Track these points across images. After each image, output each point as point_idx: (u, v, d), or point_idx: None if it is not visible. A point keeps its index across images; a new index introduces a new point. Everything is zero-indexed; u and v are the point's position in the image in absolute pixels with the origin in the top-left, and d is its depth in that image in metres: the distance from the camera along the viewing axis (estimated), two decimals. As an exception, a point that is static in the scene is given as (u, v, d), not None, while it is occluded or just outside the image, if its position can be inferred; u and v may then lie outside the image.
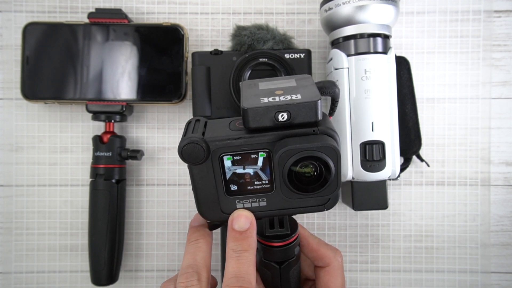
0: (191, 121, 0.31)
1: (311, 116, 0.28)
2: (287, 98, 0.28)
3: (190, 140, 0.28)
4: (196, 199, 0.31)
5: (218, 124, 0.31)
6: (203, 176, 0.30)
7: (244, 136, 0.28)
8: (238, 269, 0.29)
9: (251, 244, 0.30)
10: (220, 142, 0.29)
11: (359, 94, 0.42)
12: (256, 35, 0.44)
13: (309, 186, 0.28)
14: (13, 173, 0.50)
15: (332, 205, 0.31)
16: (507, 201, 0.50)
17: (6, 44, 0.50)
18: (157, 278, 0.50)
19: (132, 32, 0.46)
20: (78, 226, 0.50)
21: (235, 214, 0.31)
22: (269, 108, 0.27)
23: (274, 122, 0.28)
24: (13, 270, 0.50)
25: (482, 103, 0.50)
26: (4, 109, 0.50)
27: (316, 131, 0.28)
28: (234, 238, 0.30)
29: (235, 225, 0.30)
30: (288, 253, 0.33)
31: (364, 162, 0.42)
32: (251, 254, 0.30)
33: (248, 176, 0.30)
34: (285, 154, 0.27)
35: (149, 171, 0.50)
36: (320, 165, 0.28)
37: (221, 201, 0.31)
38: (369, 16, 0.41)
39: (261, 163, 0.29)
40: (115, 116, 0.47)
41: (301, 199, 0.29)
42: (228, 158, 0.29)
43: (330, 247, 0.36)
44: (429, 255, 0.50)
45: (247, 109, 0.28)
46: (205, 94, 0.45)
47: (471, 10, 0.50)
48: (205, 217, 0.32)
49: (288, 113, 0.28)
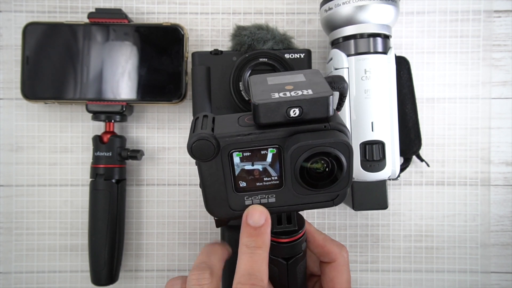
0: (199, 117, 0.30)
1: (322, 112, 0.27)
2: (298, 94, 0.28)
3: (200, 137, 0.28)
4: (204, 196, 0.31)
5: (227, 120, 0.30)
6: (212, 173, 0.29)
7: (254, 132, 0.28)
8: (251, 266, 0.29)
9: (265, 241, 0.30)
10: (230, 138, 0.28)
11: (359, 94, 0.42)
12: (256, 35, 0.44)
13: (320, 182, 0.28)
14: (13, 173, 0.50)
15: (341, 201, 0.31)
16: (507, 201, 0.50)
17: (6, 44, 0.50)
18: (157, 278, 0.50)
19: (132, 32, 0.46)
20: (78, 226, 0.50)
21: (250, 209, 0.30)
22: (281, 103, 0.27)
23: (285, 118, 0.27)
24: (13, 270, 0.50)
25: (482, 103, 0.50)
26: (4, 109, 0.50)
27: (327, 127, 0.28)
28: (248, 233, 0.30)
29: (249, 220, 0.30)
30: (295, 249, 0.33)
31: (364, 162, 0.42)
32: (264, 251, 0.30)
33: (257, 172, 0.30)
34: (298, 150, 0.27)
35: (149, 171, 0.50)
36: (331, 161, 0.28)
37: (230, 197, 0.30)
38: (369, 16, 0.41)
39: (270, 159, 0.29)
40: (115, 116, 0.47)
41: (310, 195, 0.29)
42: (238, 155, 0.29)
43: (336, 243, 0.35)
44: (429, 255, 0.50)
45: (259, 104, 0.27)
46: (205, 94, 0.45)
47: (471, 10, 0.50)
48: (213, 214, 0.31)
49: (300, 109, 0.27)
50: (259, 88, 0.29)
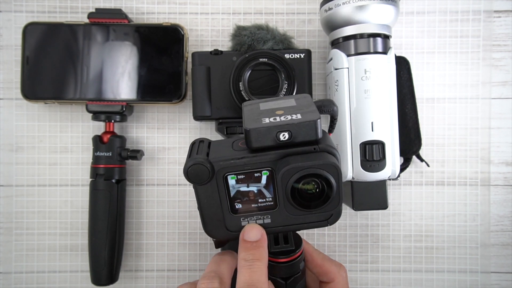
0: (195, 142, 0.32)
1: (311, 135, 0.28)
2: (287, 118, 0.29)
3: (195, 161, 0.29)
4: (202, 218, 0.32)
5: (222, 145, 0.32)
6: (208, 196, 0.31)
7: (247, 155, 0.29)
8: (250, 278, 0.30)
9: (263, 254, 0.31)
10: (224, 162, 0.29)
11: (359, 94, 0.42)
12: (256, 35, 0.44)
13: (312, 203, 0.29)
14: (13, 173, 0.50)
15: (335, 220, 0.32)
16: (507, 201, 0.50)
17: (6, 44, 0.50)
18: (157, 278, 0.50)
19: (132, 32, 0.46)
20: (78, 226, 0.50)
21: (246, 227, 0.31)
22: (271, 128, 0.28)
23: (275, 142, 0.29)
24: (13, 270, 0.50)
25: (482, 103, 0.50)
26: (4, 109, 0.50)
27: (316, 149, 0.29)
28: (245, 248, 0.31)
29: (246, 236, 0.31)
30: (293, 269, 0.33)
31: (364, 162, 0.42)
32: (263, 264, 0.30)
33: (252, 194, 0.31)
34: (288, 172, 0.28)
35: (149, 171, 0.50)
36: (321, 182, 0.29)
37: (226, 219, 0.32)
38: (369, 16, 0.41)
39: (265, 181, 0.30)
40: (115, 116, 0.47)
41: (305, 215, 0.30)
42: (233, 177, 0.30)
43: (334, 263, 0.36)
44: (429, 255, 0.50)
45: (250, 129, 0.28)
46: (205, 94, 0.45)
47: (471, 10, 0.50)
48: (211, 235, 0.33)
49: (289, 133, 0.28)
50: (251, 113, 0.31)
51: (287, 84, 0.43)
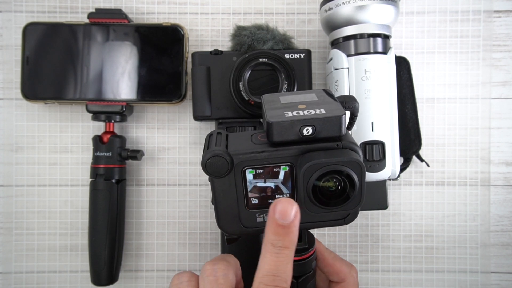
0: (212, 133, 0.31)
1: (335, 131, 0.28)
2: (311, 113, 0.28)
3: (214, 153, 0.28)
4: (216, 212, 0.31)
5: (240, 137, 0.31)
6: (225, 190, 0.30)
7: (267, 149, 0.29)
8: (275, 267, 0.27)
9: (293, 240, 0.27)
10: (244, 156, 0.29)
11: (359, 94, 0.42)
12: (256, 35, 0.44)
13: (331, 201, 0.28)
14: (13, 173, 0.50)
15: (352, 220, 0.31)
16: (507, 201, 0.50)
17: (6, 44, 0.50)
18: (157, 278, 0.50)
19: (132, 32, 0.46)
20: (78, 226, 0.50)
21: (278, 202, 0.27)
22: (295, 122, 0.28)
23: (298, 136, 0.28)
24: (13, 270, 0.50)
25: (482, 103, 0.50)
26: (4, 109, 0.50)
27: (339, 146, 0.28)
28: (275, 231, 0.27)
29: (278, 216, 0.26)
30: (305, 268, 0.33)
31: (364, 162, 0.41)
32: (291, 251, 0.28)
33: (270, 190, 0.30)
34: (310, 168, 0.27)
35: (149, 171, 0.50)
36: (343, 180, 0.28)
37: (241, 214, 0.31)
38: (369, 16, 0.41)
39: (283, 176, 0.29)
40: (115, 116, 0.47)
41: (323, 213, 0.29)
42: (251, 172, 0.29)
43: (345, 262, 0.35)
44: (429, 255, 0.50)
45: (273, 122, 0.28)
46: (205, 94, 0.45)
47: (471, 10, 0.50)
48: (224, 230, 0.32)
49: (313, 127, 0.28)
50: (272, 106, 0.30)
51: (287, 84, 0.43)
